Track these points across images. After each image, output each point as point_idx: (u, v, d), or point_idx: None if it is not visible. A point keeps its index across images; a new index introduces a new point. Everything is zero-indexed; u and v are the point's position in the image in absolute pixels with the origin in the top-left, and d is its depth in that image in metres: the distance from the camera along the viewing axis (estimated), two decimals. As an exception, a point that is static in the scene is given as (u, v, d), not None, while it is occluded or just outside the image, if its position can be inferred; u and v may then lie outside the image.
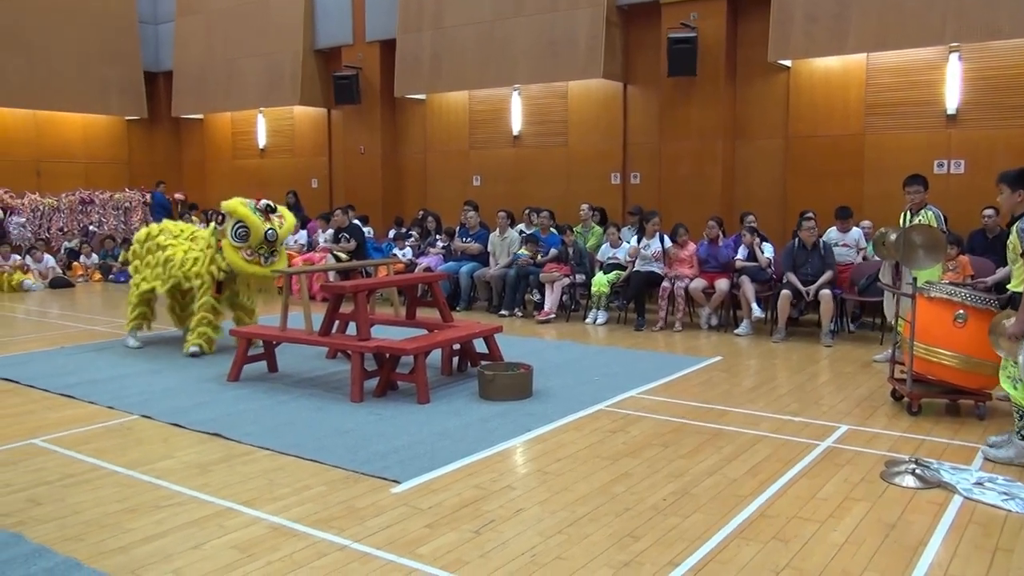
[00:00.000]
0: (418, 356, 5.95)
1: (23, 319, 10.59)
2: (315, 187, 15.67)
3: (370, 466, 4.55)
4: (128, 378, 6.79)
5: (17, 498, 4.15)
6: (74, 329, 9.49)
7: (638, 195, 11.91)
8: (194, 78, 16.37)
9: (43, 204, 15.58)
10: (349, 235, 11.71)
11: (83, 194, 16.20)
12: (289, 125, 16.06)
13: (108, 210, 16.50)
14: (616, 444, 4.98)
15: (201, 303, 7.61)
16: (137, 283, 8.13)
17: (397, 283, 7.46)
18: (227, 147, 17.13)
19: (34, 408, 5.93)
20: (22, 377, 6.82)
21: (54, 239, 15.41)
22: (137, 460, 4.73)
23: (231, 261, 7.30)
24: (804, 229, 8.45)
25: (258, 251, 7.30)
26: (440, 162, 14.05)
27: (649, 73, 11.75)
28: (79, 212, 16.09)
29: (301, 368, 7.11)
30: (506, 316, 10.04)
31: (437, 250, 11.63)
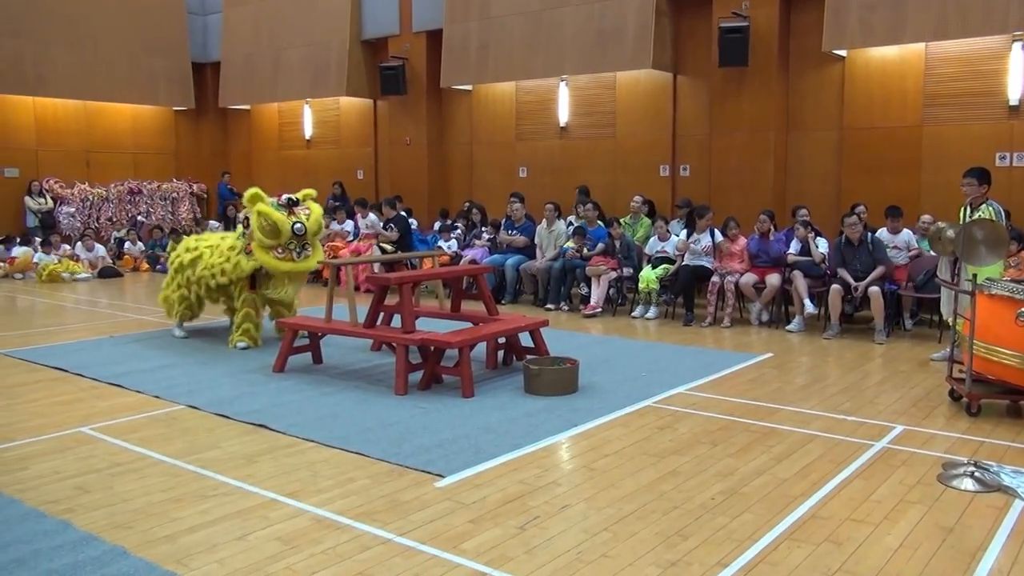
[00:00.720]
0: (463, 349, 5.98)
1: (72, 308, 10.90)
2: (361, 178, 15.83)
3: (414, 460, 4.60)
4: (175, 368, 6.95)
5: (66, 485, 4.28)
6: (122, 319, 9.74)
7: (687, 188, 11.80)
8: (241, 69, 16.64)
9: (92, 194, 16.01)
10: (393, 225, 11.81)
11: (131, 184, 16.61)
12: (335, 116, 16.23)
13: (156, 200, 16.90)
14: (663, 441, 4.95)
15: (243, 299, 7.74)
16: (169, 283, 8.24)
17: (442, 275, 7.50)
18: (273, 138, 17.39)
19: (83, 396, 6.10)
20: (72, 366, 7.02)
21: (103, 229, 15.83)
22: (183, 450, 4.84)
23: (263, 261, 7.38)
24: (847, 226, 8.31)
25: (288, 247, 7.36)
26: (486, 153, 14.07)
27: (699, 63, 11.61)
28: (127, 202, 16.51)
29: (346, 360, 7.20)
30: (552, 310, 10.04)
31: (483, 242, 11.67)
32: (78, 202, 15.80)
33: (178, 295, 8.14)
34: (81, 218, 15.77)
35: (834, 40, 10.16)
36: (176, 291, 8.17)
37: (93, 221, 15.91)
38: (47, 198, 15.50)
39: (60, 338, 8.43)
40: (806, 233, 8.85)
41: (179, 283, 8.13)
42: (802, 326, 8.59)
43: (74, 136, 16.24)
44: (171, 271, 8.28)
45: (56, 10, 15.36)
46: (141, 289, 12.86)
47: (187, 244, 8.26)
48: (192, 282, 7.95)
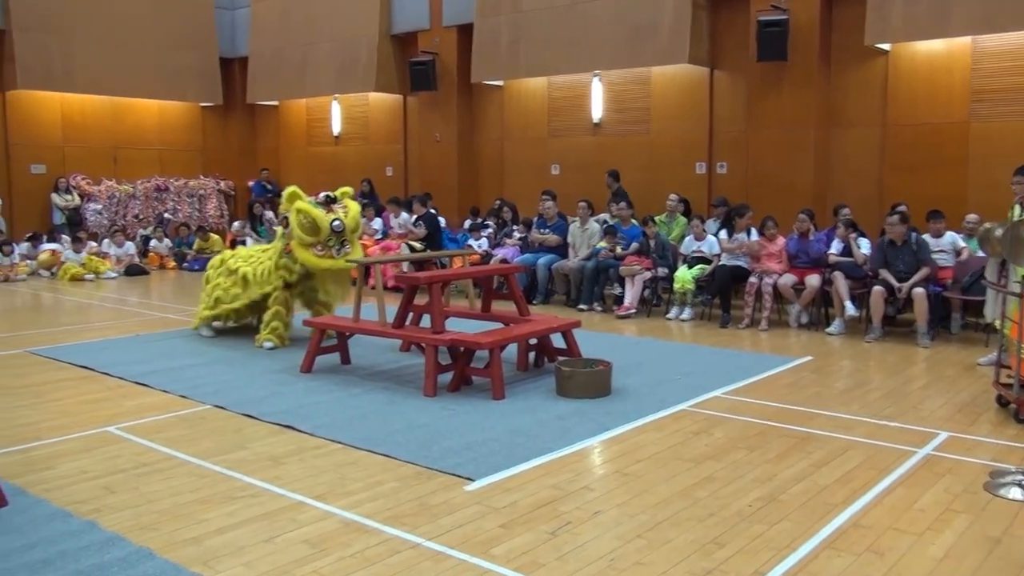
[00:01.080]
0: (493, 350, 6.01)
1: (98, 306, 11.10)
2: (390, 175, 15.93)
3: (443, 462, 4.62)
4: (202, 367, 7.05)
5: (92, 486, 4.36)
6: (148, 317, 9.91)
7: (724, 186, 11.73)
8: (269, 64, 16.82)
9: (119, 191, 16.27)
10: (422, 222, 11.87)
11: (158, 181, 16.86)
12: (364, 112, 16.35)
13: (183, 197, 17.13)
14: (699, 446, 4.94)
15: (274, 297, 7.83)
16: (210, 293, 8.31)
17: (472, 275, 7.53)
18: (301, 134, 17.55)
19: (109, 396, 6.21)
20: (98, 364, 7.15)
21: (129, 226, 16.08)
22: (210, 450, 4.91)
23: (304, 260, 7.46)
24: (889, 225, 8.21)
25: (327, 244, 7.43)
26: (517, 150, 14.10)
27: (737, 58, 11.54)
28: (154, 199, 16.75)
29: (374, 360, 7.26)
30: (584, 311, 10.04)
31: (514, 241, 11.69)
32: (105, 199, 16.06)
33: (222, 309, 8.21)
34: (108, 215, 16.04)
35: (877, 33, 10.04)
36: (215, 308, 8.24)
37: (120, 218, 16.17)
38: (74, 195, 15.78)
39: (86, 336, 8.59)
40: (848, 233, 8.76)
41: (226, 289, 8.19)
42: (843, 329, 8.51)
43: (101, 133, 16.52)
44: (209, 292, 8.35)
45: (83, 5, 15.63)
46: (167, 287, 13.07)
47: (227, 264, 8.31)
48: (240, 299, 8.03)
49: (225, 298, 8.14)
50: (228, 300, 8.12)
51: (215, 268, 8.47)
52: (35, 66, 15.10)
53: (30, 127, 15.63)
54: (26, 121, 15.57)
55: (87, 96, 16.14)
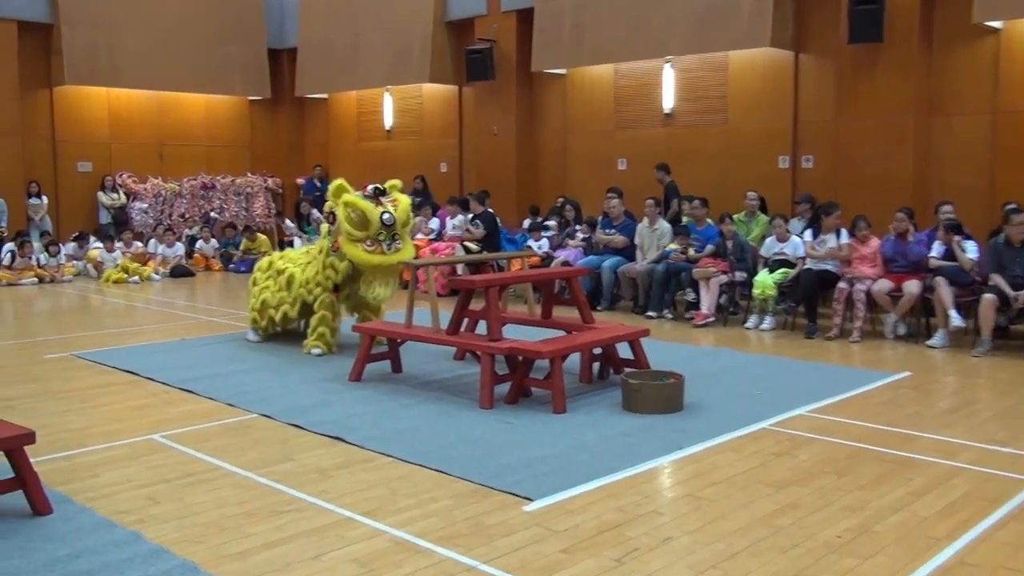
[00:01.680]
0: (554, 360, 5.98)
1: (143, 308, 11.40)
2: (444, 171, 16.04)
3: (500, 480, 4.61)
4: (248, 374, 7.18)
5: (137, 495, 4.47)
6: (193, 320, 10.14)
7: (810, 181, 11.51)
8: (319, 55, 17.10)
9: (165, 189, 16.72)
10: (480, 222, 11.91)
11: (204, 179, 17.27)
12: (417, 104, 16.50)
13: (229, 196, 17.52)
14: (781, 469, 4.83)
15: (320, 301, 7.92)
16: (257, 296, 8.45)
17: (532, 278, 7.52)
18: (352, 128, 17.81)
19: (154, 402, 6.38)
20: (143, 369, 7.35)
21: (175, 225, 16.50)
22: (256, 461, 4.99)
23: (352, 256, 7.48)
24: (1013, 224, 7.90)
25: (377, 239, 7.44)
26: (581, 144, 14.05)
27: (826, 40, 11.32)
28: (200, 197, 17.16)
29: (427, 369, 7.30)
30: (654, 318, 9.95)
31: (577, 242, 11.66)
32: (150, 197, 16.52)
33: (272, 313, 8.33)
34: (153, 214, 16.49)
35: (987, 10, 9.73)
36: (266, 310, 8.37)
37: (165, 217, 16.60)
38: (120, 193, 16.28)
39: (132, 340, 8.83)
40: (949, 236, 8.48)
41: (274, 292, 8.32)
42: (946, 341, 8.25)
43: (147, 128, 17.01)
44: (261, 278, 8.51)
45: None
46: (213, 289, 13.37)
47: (275, 266, 8.44)
48: (284, 303, 8.16)
49: (272, 301, 8.26)
50: (274, 303, 8.24)
51: (262, 271, 8.61)
52: (82, 60, 15.63)
53: (77, 124, 16.18)
54: (73, 118, 16.12)
55: (133, 91, 16.64)
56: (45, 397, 6.55)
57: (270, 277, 8.44)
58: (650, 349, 7.09)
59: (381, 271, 7.52)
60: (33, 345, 8.67)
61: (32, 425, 4.57)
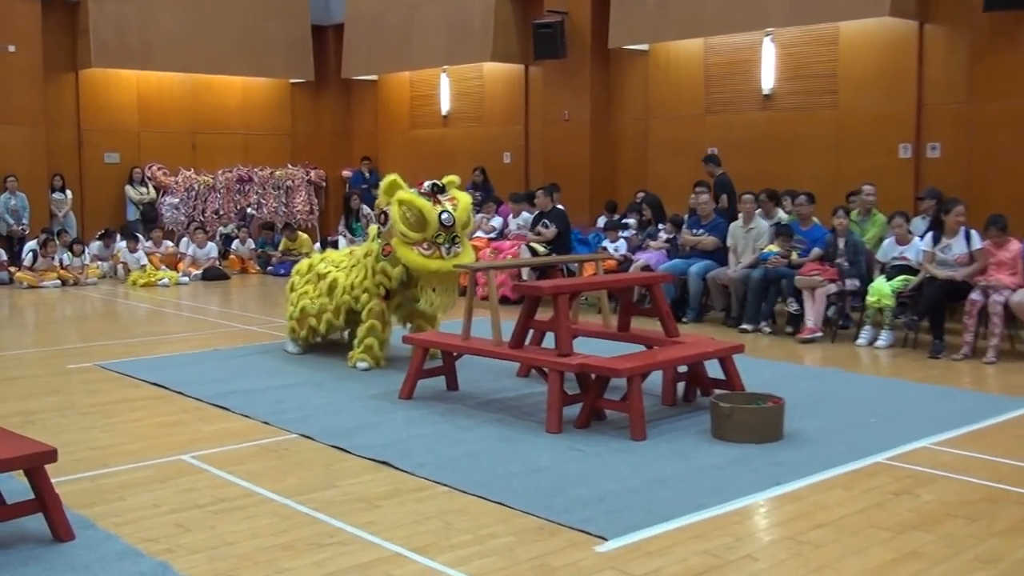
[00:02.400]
0: (633, 379, 5.95)
1: (173, 315, 11.68)
2: (508, 163, 16.12)
3: (569, 516, 4.60)
4: (287, 390, 7.30)
5: (165, 522, 4.58)
6: (227, 329, 10.35)
7: (936, 173, 11.31)
8: (368, 32, 17.33)
9: (198, 182, 17.12)
10: (550, 221, 11.93)
11: (241, 171, 17.63)
12: (478, 87, 16.62)
13: (268, 190, 17.86)
14: (900, 511, 4.74)
15: (368, 308, 7.99)
16: (295, 303, 8.55)
17: (608, 285, 7.50)
18: (404, 114, 18.01)
19: (185, 419, 6.53)
20: (173, 382, 7.52)
21: (208, 223, 16.85)
22: (295, 487, 5.07)
23: (407, 260, 7.52)
24: None
25: (435, 242, 7.49)
26: (666, 131, 14.00)
27: (956, 8, 11.14)
28: (236, 192, 17.52)
29: (486, 387, 7.33)
30: (749, 332, 9.85)
31: (659, 244, 11.60)
32: (182, 192, 16.92)
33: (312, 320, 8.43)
34: (185, 210, 16.88)
35: None
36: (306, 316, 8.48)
37: (198, 214, 16.98)
38: (149, 187, 16.72)
39: (161, 350, 9.05)
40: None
41: (313, 299, 8.43)
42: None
43: (179, 115, 17.43)
44: (299, 282, 8.63)
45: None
46: (250, 294, 13.62)
47: (315, 269, 8.55)
48: (326, 310, 8.26)
49: (311, 308, 8.37)
50: (314, 311, 8.35)
51: (301, 274, 8.74)
52: (111, 40, 16.10)
53: (104, 111, 16.68)
54: (100, 104, 16.65)
55: (165, 74, 17.10)
56: (68, 411, 6.75)
57: (309, 282, 8.54)
58: (744, 368, 7.01)
59: (439, 278, 7.56)
60: (55, 354, 8.95)
61: (53, 442, 4.71)
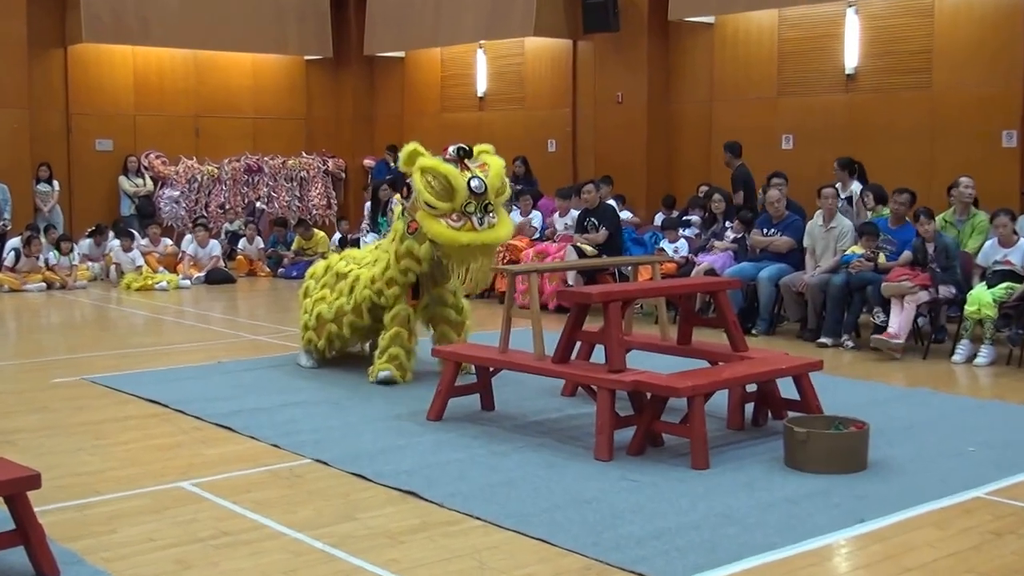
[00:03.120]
0: (694, 399, 5.92)
1: (172, 322, 11.80)
2: (552, 151, 16.12)
3: (621, 554, 4.60)
4: (299, 408, 7.35)
5: (163, 557, 4.61)
6: (233, 339, 10.45)
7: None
8: (394, 3, 17.39)
9: (201, 173, 17.27)
10: (598, 220, 11.91)
11: (249, 160, 17.76)
12: (518, 64, 16.65)
13: (280, 182, 17.99)
14: (1004, 554, 4.69)
15: (393, 314, 7.99)
16: (309, 309, 8.57)
17: (666, 291, 7.47)
18: (434, 96, 18.07)
19: (184, 441, 6.59)
20: (172, 399, 7.59)
21: (212, 219, 16.99)
22: (309, 520, 5.09)
23: (435, 234, 7.41)
24: None
25: (466, 211, 7.38)
26: (732, 115, 13.95)
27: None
28: (243, 184, 17.65)
29: (527, 407, 7.33)
30: (828, 346, 9.78)
31: (725, 244, 11.54)
32: (183, 183, 17.08)
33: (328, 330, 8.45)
34: (186, 204, 17.03)
35: None
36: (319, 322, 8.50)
37: (201, 208, 17.12)
38: (146, 178, 16.89)
39: (157, 362, 9.15)
40: None
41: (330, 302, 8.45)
42: None
43: (180, 97, 17.61)
44: (314, 287, 8.68)
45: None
46: (259, 300, 13.73)
47: (335, 269, 8.58)
48: (345, 312, 8.25)
49: (328, 313, 8.40)
50: (332, 315, 8.37)
51: (316, 278, 8.75)
52: (104, 12, 16.23)
53: (97, 92, 16.87)
54: (92, 84, 16.84)
55: (164, 51, 17.27)
56: (53, 432, 6.83)
57: (326, 285, 8.54)
58: (822, 388, 6.96)
59: (471, 252, 7.44)
60: (39, 366, 9.08)
61: (37, 466, 4.75)
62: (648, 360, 7.42)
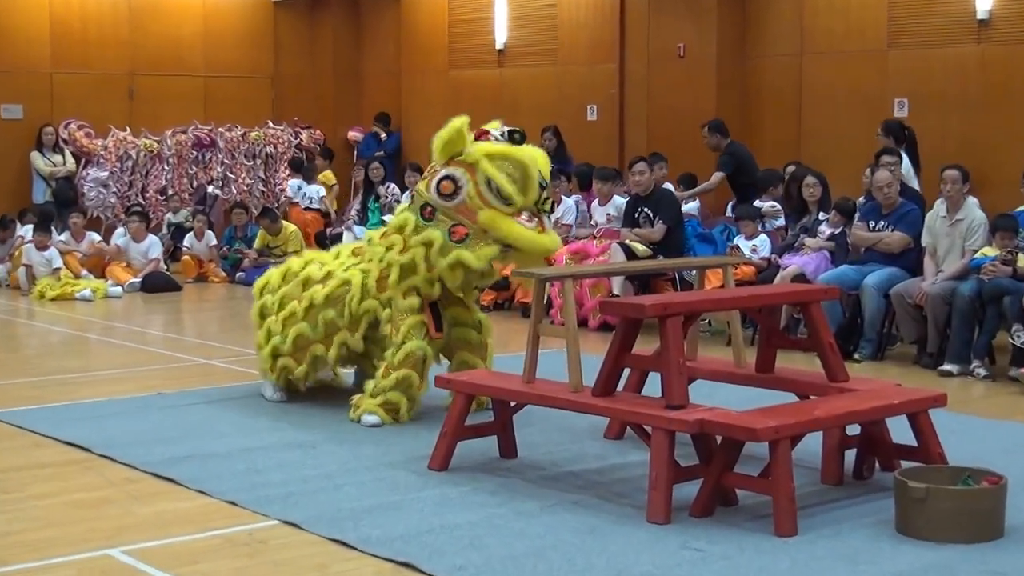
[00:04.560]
0: (778, 445, 5.90)
1: (99, 341, 11.82)
2: (593, 120, 16.12)
3: (682, 647, 4.60)
4: (263, 454, 7.34)
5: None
6: (178, 363, 10.46)
7: None
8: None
9: (137, 148, 17.28)
10: (653, 210, 11.89)
11: (199, 131, 17.78)
12: (550, 7, 16.67)
13: (239, 159, 18.01)
14: None
15: (407, 351, 7.84)
16: (277, 328, 8.50)
17: (742, 302, 7.45)
18: (440, 48, 18.10)
19: (114, 495, 6.58)
20: (97, 442, 7.56)
21: (151, 207, 17.01)
22: (276, 600, 5.11)
23: (517, 238, 7.58)
24: None
25: (542, 209, 7.68)
26: (829, 73, 13.96)
27: None
28: (191, 162, 17.67)
29: (560, 453, 7.33)
30: (954, 375, 9.77)
31: (819, 242, 11.49)
32: (113, 162, 17.10)
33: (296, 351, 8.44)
34: (118, 188, 17.04)
35: None
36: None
37: (137, 194, 17.14)
38: (66, 155, 16.94)
39: (81, 394, 9.15)
40: None
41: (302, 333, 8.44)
42: None
43: (110, 51, 17.68)
44: (275, 328, 8.61)
45: None
46: (211, 313, 13.75)
47: (306, 274, 8.56)
48: (339, 328, 8.20)
49: (311, 332, 8.32)
50: (319, 335, 8.30)
51: (273, 289, 8.64)
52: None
53: (3, 45, 16.86)
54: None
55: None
56: (-56, 483, 6.85)
57: (288, 298, 8.46)
58: (946, 429, 6.94)
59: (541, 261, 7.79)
60: (-73, 398, 9.10)
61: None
62: (718, 393, 7.42)
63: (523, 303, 12.04)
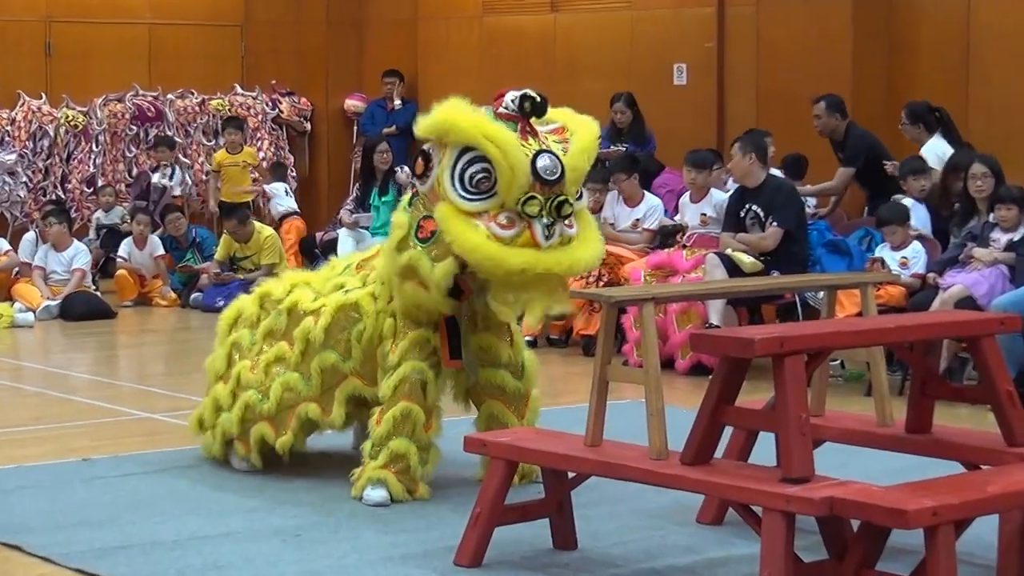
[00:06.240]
0: (937, 531, 5.91)
1: (3, 388, 11.89)
2: (681, 84, 16.17)
3: None
4: (230, 543, 7.38)
5: None
6: (110, 417, 10.56)
7: None
8: None
9: (56, 122, 17.44)
10: (765, 209, 11.92)
11: (142, 99, 17.92)
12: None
13: (195, 136, 18.15)
14: None
15: (399, 377, 7.91)
16: (257, 384, 8.54)
17: (887, 337, 7.47)
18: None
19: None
20: (4, 525, 7.63)
21: (75, 202, 17.13)
22: None
23: (466, 248, 7.43)
24: None
25: (523, 212, 7.41)
26: (1007, 17, 13.91)
27: None
28: (130, 141, 17.82)
29: (636, 544, 7.36)
30: None
31: (993, 253, 11.48)
32: (23, 141, 17.26)
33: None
34: (29, 176, 17.18)
35: None
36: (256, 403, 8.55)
37: (55, 185, 17.28)
38: (-40, 135, 17.16)
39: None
40: None
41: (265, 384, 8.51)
42: None
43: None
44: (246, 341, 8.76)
45: None
46: (155, 348, 13.85)
47: (267, 294, 8.71)
48: (355, 371, 8.22)
49: (304, 387, 8.30)
50: (310, 390, 8.32)
51: (248, 322, 8.75)
52: None
53: None
54: None
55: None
56: None
57: (271, 336, 8.55)
58: None
59: (529, 285, 7.56)
60: None
61: None
62: (854, 461, 7.43)
63: (585, 335, 12.07)
